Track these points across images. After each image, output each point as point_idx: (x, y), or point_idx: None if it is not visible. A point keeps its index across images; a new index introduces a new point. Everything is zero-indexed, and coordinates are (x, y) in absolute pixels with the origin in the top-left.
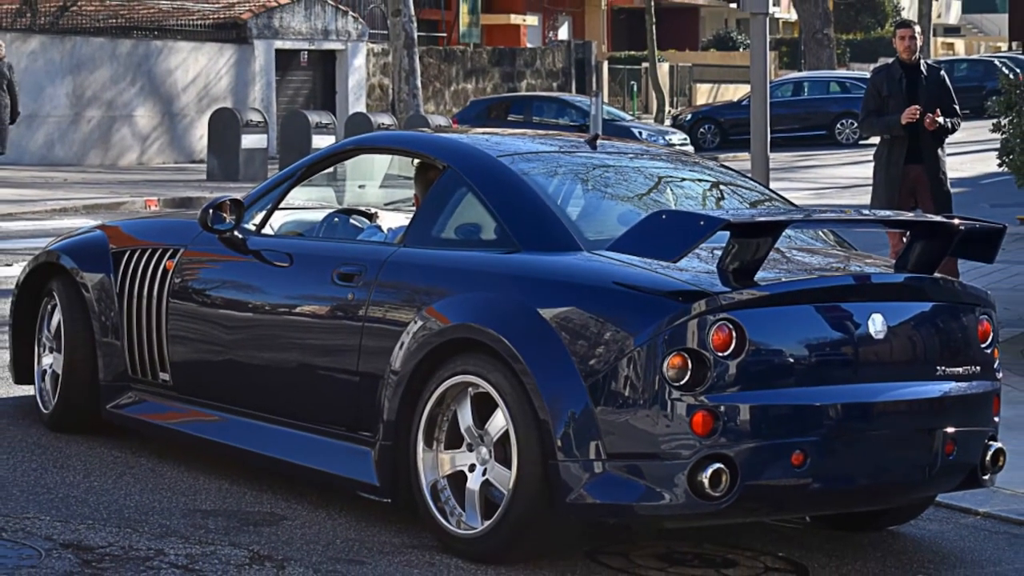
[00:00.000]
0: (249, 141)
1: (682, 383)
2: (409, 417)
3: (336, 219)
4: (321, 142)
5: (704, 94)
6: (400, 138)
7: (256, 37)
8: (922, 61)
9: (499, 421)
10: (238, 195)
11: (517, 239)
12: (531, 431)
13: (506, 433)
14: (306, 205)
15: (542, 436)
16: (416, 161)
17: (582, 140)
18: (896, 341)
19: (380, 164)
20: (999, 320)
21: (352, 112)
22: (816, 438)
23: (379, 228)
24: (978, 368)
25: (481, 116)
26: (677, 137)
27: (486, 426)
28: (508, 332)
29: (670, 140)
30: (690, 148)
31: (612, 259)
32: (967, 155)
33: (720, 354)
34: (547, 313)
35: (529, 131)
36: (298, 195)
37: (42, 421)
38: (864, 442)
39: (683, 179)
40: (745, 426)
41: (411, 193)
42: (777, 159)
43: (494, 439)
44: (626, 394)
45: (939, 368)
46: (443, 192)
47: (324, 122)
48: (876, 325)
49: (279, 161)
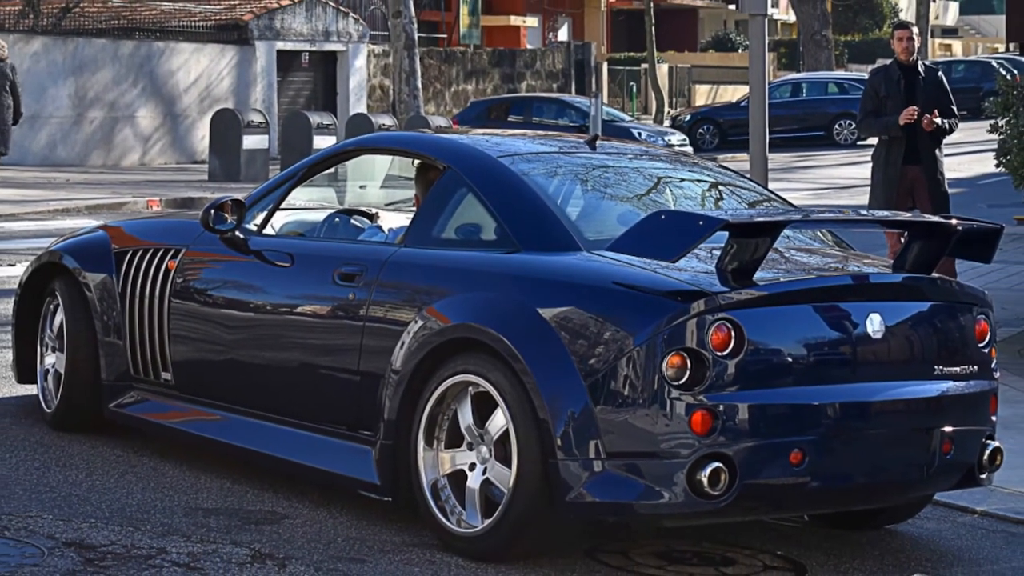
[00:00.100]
0: (250, 142)
1: (681, 382)
2: (410, 416)
3: (337, 219)
4: (322, 143)
5: (703, 95)
6: (401, 139)
7: (257, 38)
8: (920, 62)
9: (499, 420)
10: (239, 195)
11: (517, 239)
12: (531, 430)
13: (506, 432)
14: (307, 205)
15: (542, 435)
16: (417, 162)
17: (582, 141)
18: (894, 341)
19: (381, 165)
20: (996, 320)
21: (353, 113)
22: (814, 437)
23: (380, 228)
24: (975, 367)
25: (481, 117)
26: (676, 138)
27: (486, 425)
28: (508, 332)
29: (669, 141)
30: (689, 149)
31: (611, 259)
32: (965, 156)
33: (719, 353)
34: (547, 313)
35: (529, 132)
36: (299, 195)
37: (45, 420)
38: (862, 441)
39: (682, 179)
40: (744, 425)
41: (412, 193)
42: (776, 160)
43: (494, 438)
44: (625, 393)
45: (937, 367)
46: (443, 192)
47: (325, 123)
48: (874, 325)
49: (280, 162)
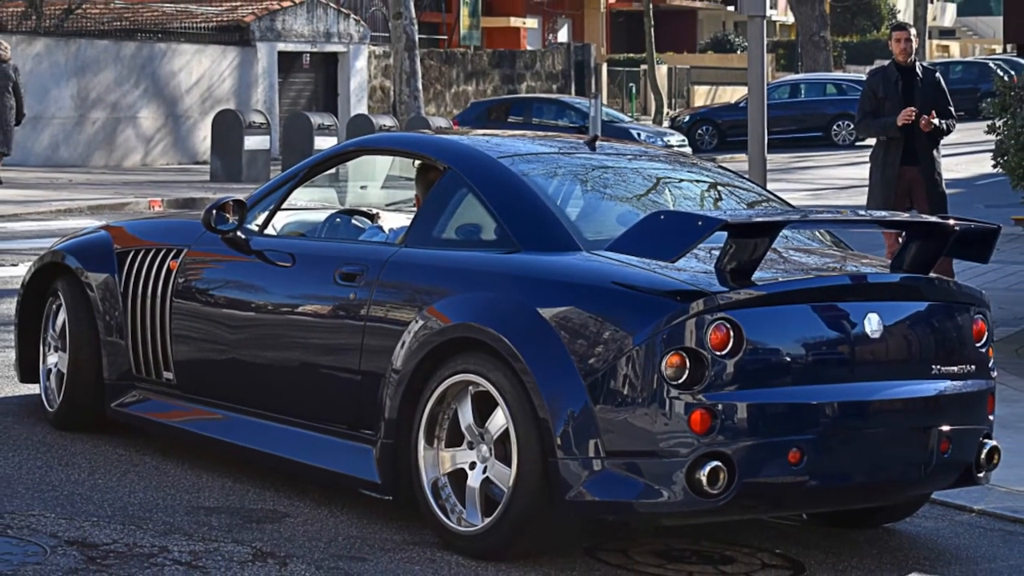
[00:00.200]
0: (252, 142)
1: (680, 382)
2: (410, 415)
3: (338, 219)
4: (323, 143)
5: (702, 96)
6: (401, 139)
7: (259, 40)
8: (918, 63)
9: (499, 419)
10: (241, 196)
11: (517, 239)
12: (531, 429)
13: (506, 431)
14: (308, 206)
15: (542, 434)
16: (417, 162)
17: (581, 141)
18: (892, 340)
19: (382, 165)
20: (994, 319)
21: (354, 114)
22: (813, 436)
23: (380, 228)
24: (973, 367)
25: (481, 118)
26: (675, 138)
27: (486, 424)
28: (508, 331)
29: (668, 141)
30: (688, 149)
31: (611, 259)
32: (962, 156)
33: (718, 353)
34: (547, 313)
35: (529, 133)
36: (300, 196)
37: (47, 419)
38: (860, 440)
39: (681, 180)
40: (742, 424)
41: (412, 194)
42: (774, 160)
43: (494, 437)
44: (625, 393)
45: (934, 367)
46: (444, 193)
47: (326, 124)
48: (872, 324)
49: (281, 162)
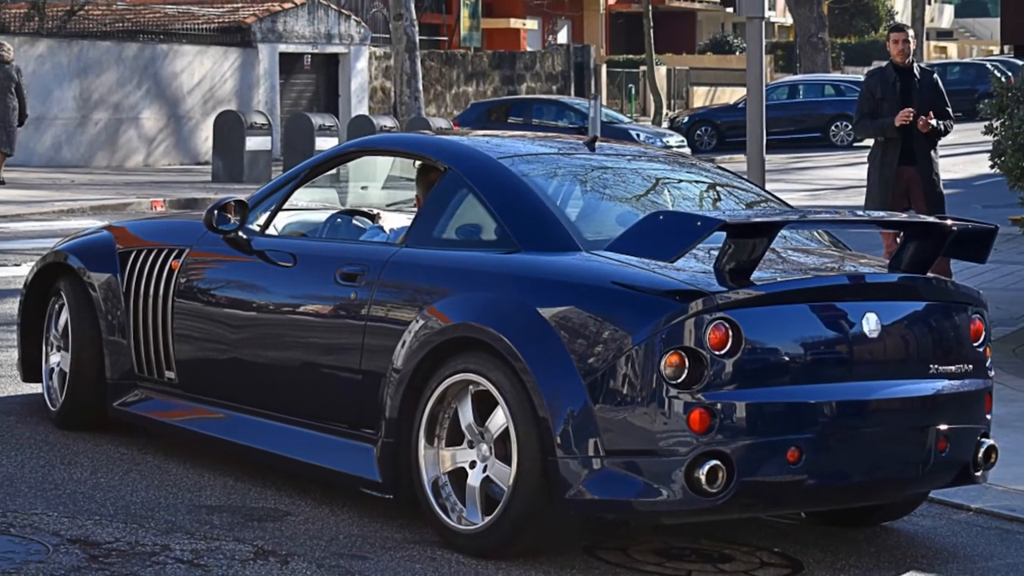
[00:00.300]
0: (253, 143)
1: (679, 381)
2: (411, 414)
3: (339, 220)
4: (324, 144)
5: (701, 97)
6: (402, 140)
7: (260, 41)
8: (915, 64)
9: (499, 418)
10: (242, 196)
11: (517, 239)
12: (531, 428)
13: (506, 430)
14: (309, 206)
15: (542, 433)
16: (418, 163)
17: (581, 142)
18: (890, 340)
19: (382, 166)
20: (991, 319)
21: (355, 115)
22: (811, 435)
23: (381, 229)
24: (970, 366)
25: (481, 118)
26: (674, 139)
27: (486, 423)
28: (508, 331)
29: (667, 142)
30: (687, 150)
31: (610, 259)
32: (960, 157)
33: (717, 352)
34: (546, 312)
35: (529, 133)
36: (302, 196)
37: (50, 418)
38: (858, 439)
39: (680, 180)
40: (741, 423)
41: (413, 194)
42: (773, 161)
43: (494, 436)
44: (624, 392)
45: (932, 366)
46: (444, 193)
47: (327, 124)
48: (870, 324)
49: (283, 163)
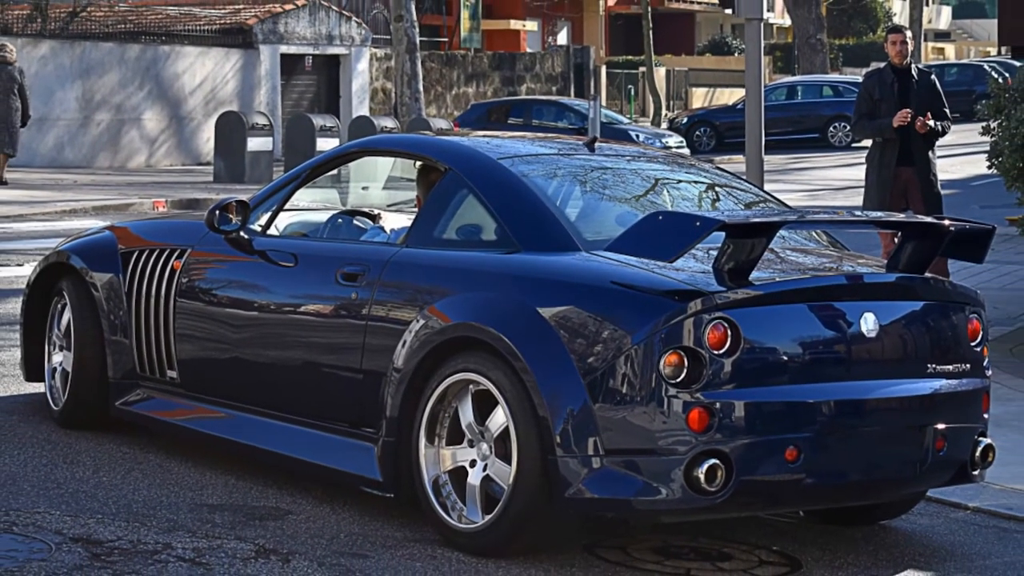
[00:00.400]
0: (255, 144)
1: (678, 380)
2: (411, 414)
3: (340, 220)
4: (325, 145)
5: (700, 98)
6: (402, 141)
7: (262, 42)
8: (913, 65)
9: (499, 418)
10: (244, 196)
11: (517, 239)
12: (531, 427)
13: (506, 429)
14: (311, 206)
15: (541, 432)
16: (418, 163)
17: (581, 143)
18: (888, 339)
19: (383, 166)
20: (988, 319)
21: (355, 115)
22: (809, 434)
23: (382, 229)
24: (968, 366)
25: (482, 119)
26: (673, 140)
27: (487, 423)
28: (508, 331)
29: (667, 143)
30: (686, 151)
31: (610, 259)
32: (957, 157)
33: (716, 352)
34: (546, 312)
35: (529, 134)
36: (303, 196)
37: (52, 418)
38: (856, 438)
39: (679, 181)
40: (740, 422)
41: (413, 195)
42: (771, 161)
43: (494, 435)
44: (624, 391)
45: (930, 366)
46: (445, 194)
47: (328, 125)
48: (868, 324)
49: (284, 163)
